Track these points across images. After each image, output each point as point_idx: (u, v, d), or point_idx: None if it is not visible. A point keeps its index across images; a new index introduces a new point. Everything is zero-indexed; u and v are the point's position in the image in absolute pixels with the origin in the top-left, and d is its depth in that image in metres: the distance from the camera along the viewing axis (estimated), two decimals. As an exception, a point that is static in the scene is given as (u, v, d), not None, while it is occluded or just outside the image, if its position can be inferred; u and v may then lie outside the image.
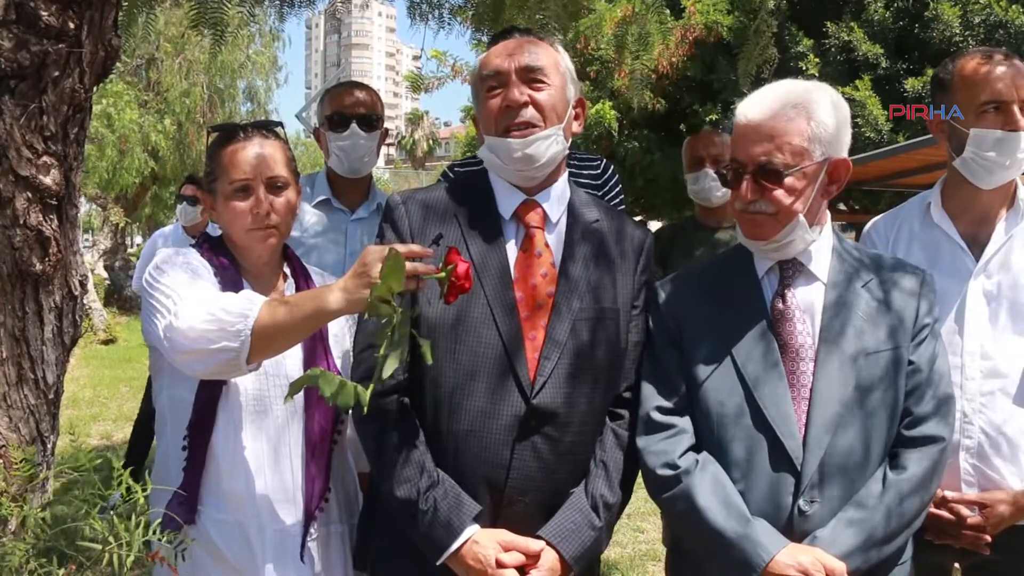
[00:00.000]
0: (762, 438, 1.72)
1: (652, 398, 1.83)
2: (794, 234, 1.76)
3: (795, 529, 1.69)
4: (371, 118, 2.76)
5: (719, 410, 1.77)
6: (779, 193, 1.72)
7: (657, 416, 1.81)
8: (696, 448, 1.79)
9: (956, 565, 2.18)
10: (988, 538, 1.94)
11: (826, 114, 1.73)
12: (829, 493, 1.69)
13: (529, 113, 1.80)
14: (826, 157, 1.74)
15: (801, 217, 1.74)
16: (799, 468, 1.69)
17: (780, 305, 1.79)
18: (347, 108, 2.75)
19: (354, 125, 2.72)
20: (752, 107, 1.75)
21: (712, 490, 1.72)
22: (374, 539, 1.90)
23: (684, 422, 1.81)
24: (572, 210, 1.91)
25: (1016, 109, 2.00)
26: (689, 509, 1.72)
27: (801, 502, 1.69)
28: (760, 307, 1.81)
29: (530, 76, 1.81)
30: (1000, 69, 2.03)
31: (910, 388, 1.75)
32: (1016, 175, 2.06)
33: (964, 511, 1.95)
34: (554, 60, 1.85)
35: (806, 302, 1.80)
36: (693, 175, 3.25)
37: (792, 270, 1.81)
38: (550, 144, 1.82)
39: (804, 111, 1.72)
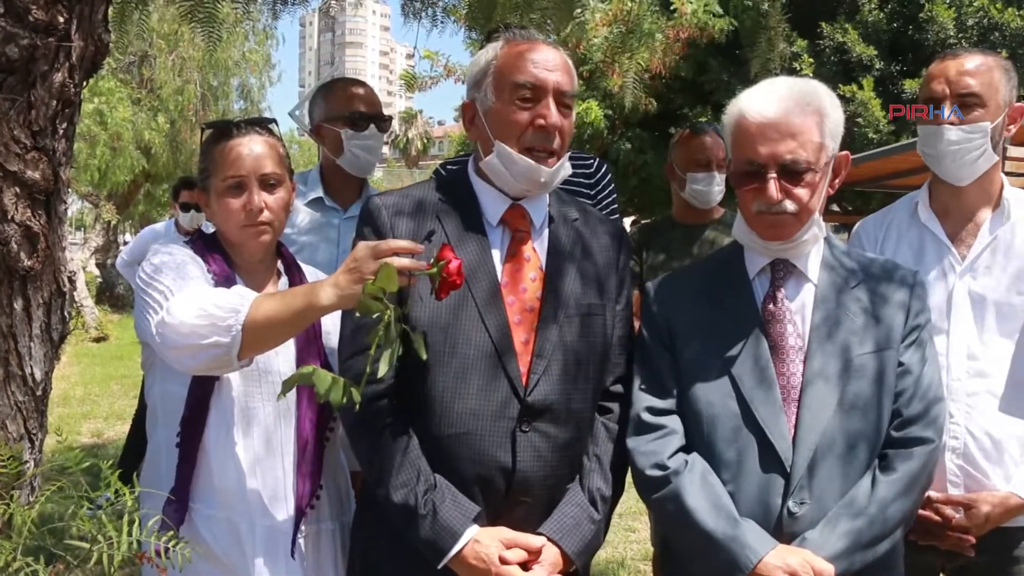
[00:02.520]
0: (752, 439, 1.72)
1: (642, 399, 1.83)
2: (810, 231, 1.76)
3: (784, 530, 1.69)
4: (383, 119, 2.76)
5: (709, 411, 1.77)
6: (802, 191, 1.71)
7: (647, 417, 1.80)
8: (686, 449, 1.79)
9: (943, 567, 2.17)
10: (972, 539, 1.93)
11: (834, 110, 1.74)
12: (818, 495, 1.69)
13: (557, 141, 1.79)
14: (832, 154, 1.75)
15: (816, 214, 1.75)
16: (788, 469, 1.69)
17: (771, 306, 1.79)
18: (367, 108, 2.74)
19: (372, 126, 2.72)
20: (765, 104, 1.72)
21: (701, 491, 1.71)
22: (375, 547, 1.88)
23: (674, 423, 1.80)
24: (553, 211, 1.91)
25: (945, 105, 2.05)
26: (678, 510, 1.71)
27: (790, 503, 1.68)
28: (751, 308, 1.80)
29: (563, 100, 1.80)
30: (941, 66, 2.09)
31: (900, 390, 1.75)
32: (965, 166, 2.07)
33: (949, 512, 1.95)
34: (576, 83, 1.85)
35: (797, 303, 1.79)
36: (699, 176, 3.16)
37: (783, 271, 1.81)
38: (563, 171, 1.84)
39: (817, 108, 1.72)
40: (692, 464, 1.75)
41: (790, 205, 1.71)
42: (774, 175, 1.70)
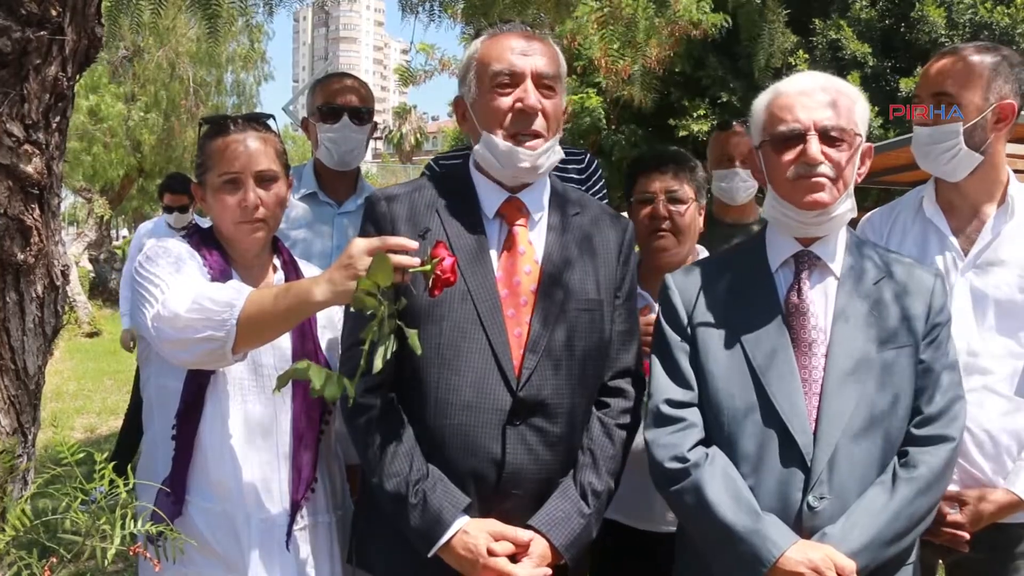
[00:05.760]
0: (773, 433, 1.72)
1: (662, 391, 1.82)
2: (844, 205, 1.77)
3: (803, 525, 1.68)
4: (362, 111, 2.74)
5: (730, 404, 1.76)
6: (842, 156, 1.74)
7: (666, 409, 1.80)
8: (705, 442, 1.78)
9: (940, 562, 2.18)
10: (967, 536, 1.93)
11: (862, 102, 1.79)
12: (838, 490, 1.69)
13: (539, 123, 1.79)
14: (862, 137, 1.78)
15: (851, 188, 1.77)
16: (809, 464, 1.69)
17: (795, 299, 1.79)
18: (339, 100, 2.72)
19: (345, 117, 2.70)
20: (801, 81, 1.79)
21: (722, 484, 1.70)
22: (371, 536, 1.90)
23: (694, 415, 1.80)
24: (552, 204, 1.91)
25: (923, 104, 2.07)
26: (698, 503, 1.71)
27: (810, 498, 1.68)
28: (773, 301, 1.80)
29: (543, 83, 1.80)
30: (933, 66, 2.09)
31: (920, 387, 1.75)
32: (943, 162, 2.07)
33: (945, 508, 1.95)
34: (560, 67, 1.85)
35: (820, 296, 1.79)
36: (721, 173, 3.19)
37: (807, 264, 1.81)
38: (551, 154, 1.84)
39: (848, 94, 1.78)
40: (712, 457, 1.74)
41: (829, 169, 1.73)
42: (815, 136, 1.73)
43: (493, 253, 1.83)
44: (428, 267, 1.56)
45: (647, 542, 2.22)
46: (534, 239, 1.86)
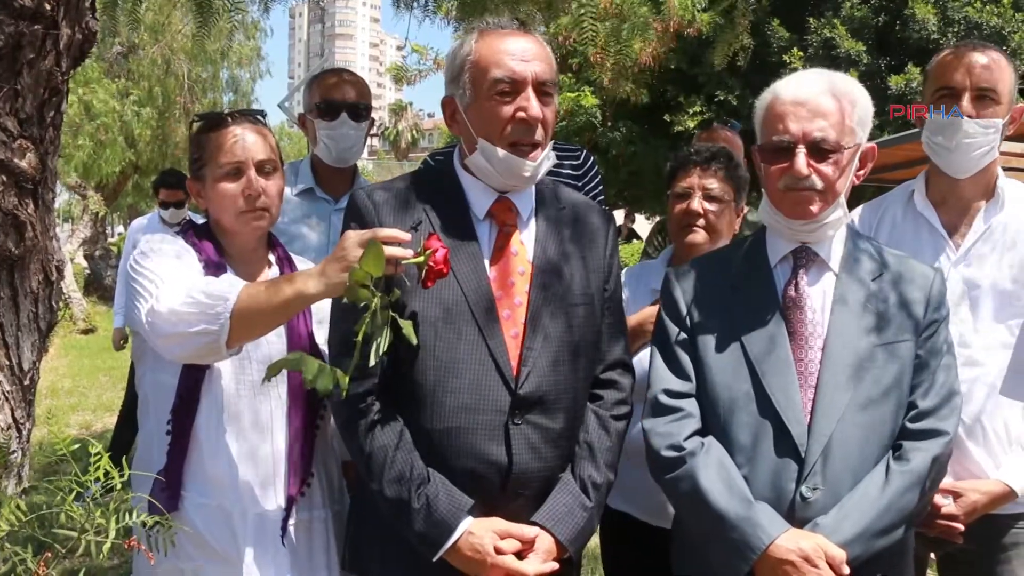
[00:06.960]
0: (768, 424, 1.73)
1: (660, 381, 1.84)
2: (834, 214, 1.78)
3: (796, 515, 1.70)
4: (361, 108, 2.73)
5: (726, 395, 1.78)
6: (830, 169, 1.74)
7: (664, 399, 1.82)
8: (702, 432, 1.80)
9: (932, 555, 2.19)
10: (961, 527, 1.95)
11: (863, 102, 1.78)
12: (831, 481, 1.70)
13: (539, 132, 1.77)
14: (860, 142, 1.77)
15: (842, 197, 1.77)
16: (803, 455, 1.70)
17: (792, 293, 1.80)
18: (338, 97, 2.71)
19: (344, 114, 2.69)
20: (798, 87, 1.77)
21: (716, 472, 1.72)
22: (366, 539, 1.89)
23: (691, 406, 1.82)
24: (539, 202, 1.91)
25: (966, 96, 2.05)
26: (692, 490, 1.73)
27: (803, 489, 1.70)
28: (772, 295, 1.82)
29: (543, 89, 1.77)
30: (957, 59, 2.08)
31: (916, 382, 1.77)
32: (973, 160, 2.08)
33: (938, 499, 1.96)
34: (555, 70, 1.83)
35: (817, 291, 1.81)
36: None
37: (806, 259, 1.83)
38: (547, 161, 1.83)
39: (848, 96, 1.76)
40: (708, 447, 1.76)
41: (817, 182, 1.74)
42: (803, 150, 1.73)
43: (486, 254, 1.82)
44: (421, 258, 1.55)
45: (656, 538, 2.23)
46: (525, 239, 1.85)
